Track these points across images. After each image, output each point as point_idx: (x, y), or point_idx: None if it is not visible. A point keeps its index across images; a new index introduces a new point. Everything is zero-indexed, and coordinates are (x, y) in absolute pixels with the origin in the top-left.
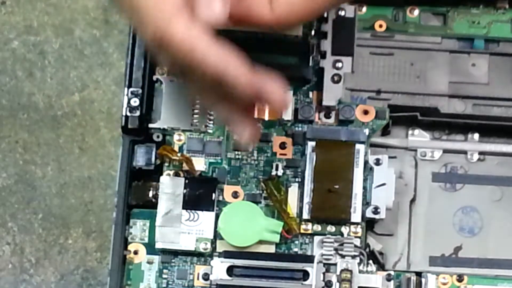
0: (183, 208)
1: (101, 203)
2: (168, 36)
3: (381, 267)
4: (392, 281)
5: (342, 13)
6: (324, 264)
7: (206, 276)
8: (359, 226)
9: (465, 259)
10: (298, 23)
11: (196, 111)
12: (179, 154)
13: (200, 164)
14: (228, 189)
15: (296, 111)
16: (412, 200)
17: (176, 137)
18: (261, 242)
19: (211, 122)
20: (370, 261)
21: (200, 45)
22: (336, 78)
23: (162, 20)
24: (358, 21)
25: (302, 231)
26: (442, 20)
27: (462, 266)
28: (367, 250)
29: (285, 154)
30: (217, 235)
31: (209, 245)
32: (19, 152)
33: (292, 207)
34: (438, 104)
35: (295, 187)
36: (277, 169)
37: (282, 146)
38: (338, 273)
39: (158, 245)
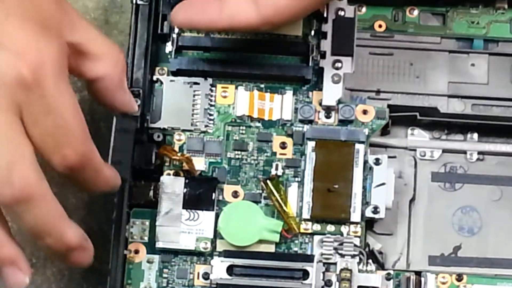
0: (183, 207)
1: (101, 203)
2: (90, 165)
3: (380, 266)
4: (391, 281)
5: (342, 13)
6: (324, 263)
7: (206, 276)
8: (359, 225)
9: (465, 259)
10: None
11: (196, 111)
12: (179, 154)
13: (200, 164)
14: (228, 189)
15: (296, 111)
16: (412, 200)
17: (176, 137)
18: (261, 241)
19: (211, 121)
20: (370, 261)
21: (106, 171)
22: (335, 78)
23: (88, 148)
24: (357, 21)
25: (301, 230)
26: (441, 20)
27: (461, 265)
28: (367, 249)
29: (285, 154)
30: (217, 235)
31: (209, 245)
32: None
33: (292, 206)
34: (437, 104)
35: (295, 187)
36: (277, 168)
37: (282, 146)
38: (337, 272)
39: (158, 245)
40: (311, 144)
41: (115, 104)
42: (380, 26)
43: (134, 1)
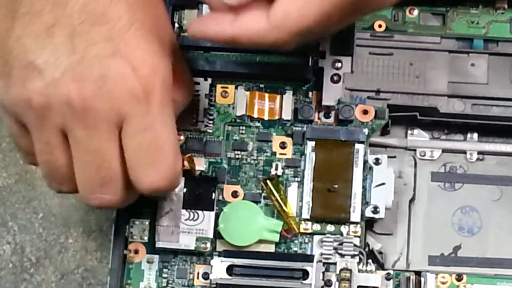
0: (183, 207)
1: None
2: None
3: (380, 266)
4: (391, 280)
5: None
6: (324, 263)
7: (206, 275)
8: (359, 225)
9: (464, 259)
10: (298, 35)
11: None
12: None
13: (200, 164)
14: (228, 189)
15: (295, 111)
16: (412, 200)
17: None
18: (260, 241)
19: (211, 121)
20: (370, 261)
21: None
22: (335, 78)
23: (178, 174)
24: (357, 21)
25: (301, 230)
26: (441, 20)
27: (461, 265)
28: (367, 249)
29: (284, 154)
30: (217, 235)
31: (209, 245)
32: None
33: (291, 206)
34: (437, 104)
35: (295, 187)
36: (276, 168)
37: (282, 145)
38: (337, 272)
39: (158, 245)
40: (311, 144)
41: None
42: (380, 26)
43: None
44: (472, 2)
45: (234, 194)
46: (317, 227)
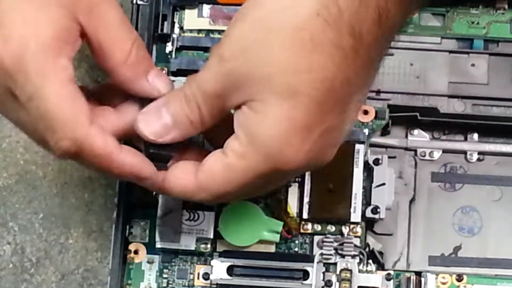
0: (183, 207)
1: (102, 203)
2: (86, 150)
3: (380, 266)
4: (391, 281)
5: None
6: (324, 263)
7: (206, 276)
8: (359, 225)
9: (465, 259)
10: (224, 196)
11: None
12: None
13: None
14: None
15: None
16: (412, 200)
17: None
18: (261, 241)
19: None
20: (370, 261)
21: (117, 157)
22: None
23: (80, 133)
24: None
25: (302, 230)
26: (441, 20)
27: (461, 265)
28: (367, 249)
29: None
30: (217, 235)
31: (209, 245)
32: (20, 152)
33: (292, 207)
34: (437, 104)
35: (295, 187)
36: None
37: None
38: (338, 272)
39: (159, 245)
40: None
41: (138, 95)
42: None
43: (134, 1)
44: (472, 2)
45: None
46: (317, 227)
